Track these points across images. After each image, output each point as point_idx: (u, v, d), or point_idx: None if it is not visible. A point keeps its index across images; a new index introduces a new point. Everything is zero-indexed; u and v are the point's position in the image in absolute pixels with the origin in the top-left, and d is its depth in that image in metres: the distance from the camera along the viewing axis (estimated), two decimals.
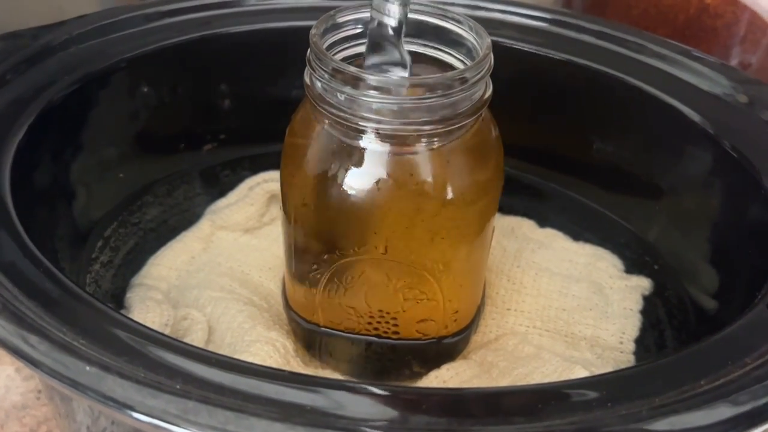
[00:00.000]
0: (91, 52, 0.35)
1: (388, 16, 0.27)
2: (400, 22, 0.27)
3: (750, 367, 0.21)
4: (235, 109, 0.40)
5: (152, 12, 0.37)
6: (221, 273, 0.36)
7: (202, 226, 0.39)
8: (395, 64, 0.27)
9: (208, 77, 0.39)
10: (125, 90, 0.36)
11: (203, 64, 0.38)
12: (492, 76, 0.27)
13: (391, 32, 0.27)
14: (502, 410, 0.20)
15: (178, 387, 0.19)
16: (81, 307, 0.22)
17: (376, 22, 0.27)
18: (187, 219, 0.39)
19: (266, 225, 0.40)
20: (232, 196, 0.40)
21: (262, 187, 0.40)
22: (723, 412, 0.19)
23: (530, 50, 0.37)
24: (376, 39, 0.27)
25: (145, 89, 0.37)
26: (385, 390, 0.20)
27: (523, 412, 0.20)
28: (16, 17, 0.41)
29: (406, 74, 0.27)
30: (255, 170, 0.41)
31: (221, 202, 0.40)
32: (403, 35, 0.27)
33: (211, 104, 0.40)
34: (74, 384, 0.19)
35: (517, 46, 0.37)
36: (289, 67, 0.27)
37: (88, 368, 0.19)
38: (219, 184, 0.41)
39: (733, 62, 0.49)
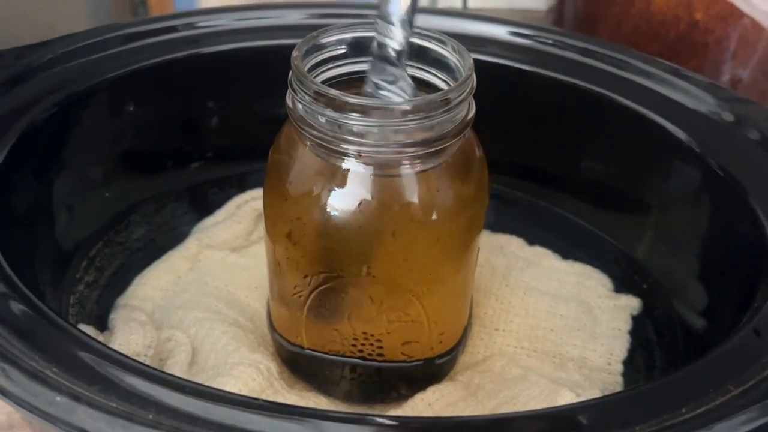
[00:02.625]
0: (76, 71, 0.34)
1: (392, 39, 0.27)
2: (402, 45, 0.26)
3: (732, 395, 0.20)
4: (223, 127, 0.40)
5: (137, 31, 0.37)
6: (207, 293, 0.36)
7: (189, 245, 0.38)
8: (397, 84, 0.27)
9: (195, 95, 0.39)
10: (110, 109, 0.36)
11: (190, 82, 0.38)
12: (479, 93, 0.27)
13: (393, 54, 0.27)
14: None
15: (150, 417, 0.19)
16: (55, 333, 0.22)
17: (377, 44, 0.27)
18: (174, 238, 0.39)
19: (254, 243, 0.39)
20: (220, 214, 0.40)
21: (250, 204, 0.40)
22: None
23: (518, 67, 0.37)
24: (379, 60, 0.27)
25: (131, 108, 0.37)
26: (362, 420, 0.20)
27: None
28: (5, 36, 0.41)
29: (408, 94, 0.27)
30: (243, 188, 0.41)
31: (208, 221, 0.40)
32: (405, 58, 0.27)
33: (199, 122, 0.40)
34: (44, 414, 0.18)
35: (504, 63, 0.37)
36: (275, 84, 0.27)
37: (58, 398, 0.19)
38: (206, 203, 0.40)
39: (724, 78, 0.49)
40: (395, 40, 0.26)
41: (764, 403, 0.20)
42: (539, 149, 0.39)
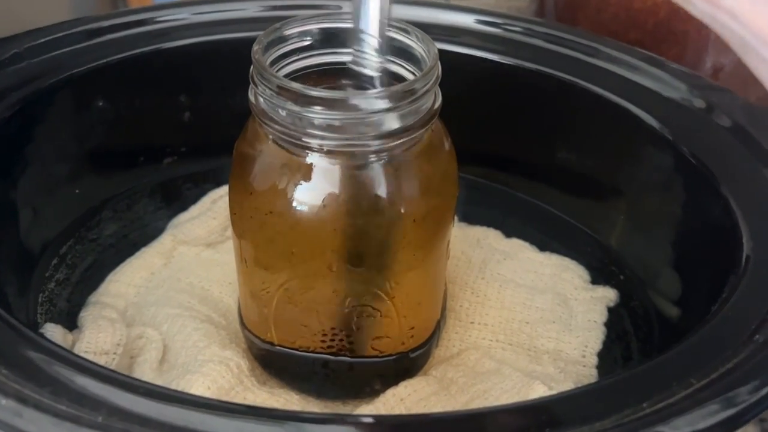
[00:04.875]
0: (42, 66, 0.34)
1: (366, 59, 0.26)
2: (378, 65, 0.26)
3: (694, 388, 0.20)
4: (196, 121, 0.40)
5: (105, 25, 0.36)
6: (180, 289, 0.35)
7: (164, 241, 0.38)
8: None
9: (166, 90, 0.38)
10: (78, 105, 0.35)
11: (161, 76, 0.38)
12: (451, 83, 0.26)
13: (369, 75, 0.26)
14: None
15: (99, 420, 0.18)
16: (7, 333, 0.21)
17: (352, 61, 0.26)
18: (148, 234, 0.38)
19: (229, 239, 0.39)
20: (195, 209, 0.40)
21: (225, 200, 0.40)
22: None
23: (490, 58, 0.37)
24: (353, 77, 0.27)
25: (101, 103, 0.36)
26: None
27: None
28: None
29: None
30: (218, 183, 0.40)
31: (183, 216, 0.39)
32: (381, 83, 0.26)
33: (171, 117, 0.39)
34: None
35: (473, 53, 0.37)
36: (248, 78, 0.26)
37: (3, 401, 0.18)
38: (181, 198, 0.40)
39: (706, 66, 0.49)
40: (370, 68, 0.26)
41: (725, 397, 0.20)
42: (514, 140, 0.38)
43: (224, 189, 0.40)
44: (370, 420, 0.20)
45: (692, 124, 0.32)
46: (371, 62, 0.26)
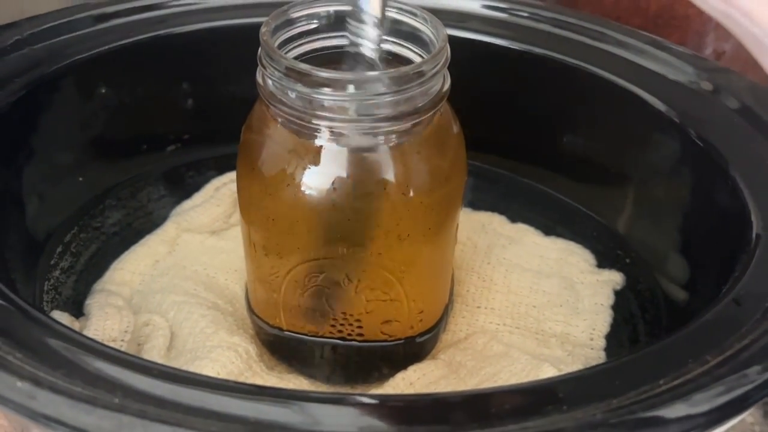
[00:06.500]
0: (44, 53, 0.34)
1: (365, 40, 0.26)
2: (378, 46, 0.26)
3: (710, 365, 0.20)
4: (199, 109, 0.39)
5: (106, 12, 0.36)
6: (186, 276, 0.35)
7: (167, 229, 0.38)
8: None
9: (169, 77, 0.38)
10: (81, 92, 0.35)
11: (163, 63, 0.38)
12: (457, 68, 0.26)
13: (369, 56, 0.26)
14: (454, 417, 0.19)
15: (116, 401, 0.18)
16: (19, 318, 0.21)
17: (350, 43, 0.26)
18: (152, 222, 0.38)
19: (233, 226, 0.39)
20: (198, 197, 0.39)
21: (229, 187, 0.40)
22: (679, 412, 0.18)
23: (496, 42, 0.37)
24: (353, 58, 0.26)
25: (103, 90, 0.36)
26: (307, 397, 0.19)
27: (478, 417, 0.19)
28: None
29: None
30: (221, 170, 0.40)
31: (186, 204, 0.39)
32: (379, 59, 0.26)
33: (174, 104, 0.39)
34: (4, 401, 0.18)
35: (481, 39, 0.36)
36: (252, 64, 0.26)
37: (19, 384, 0.18)
38: (184, 186, 0.40)
39: (707, 50, 0.49)
40: (370, 41, 0.26)
41: (742, 374, 0.20)
42: (520, 125, 0.38)
43: (228, 176, 0.40)
44: (374, 401, 0.19)
45: (699, 107, 0.32)
46: (370, 44, 0.26)
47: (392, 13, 0.27)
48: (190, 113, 0.39)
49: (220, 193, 0.39)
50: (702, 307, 0.25)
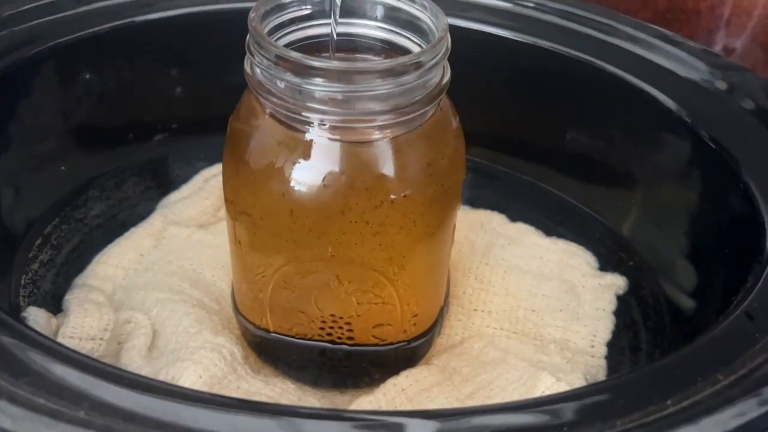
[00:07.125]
0: (25, 35, 0.32)
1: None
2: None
3: (721, 385, 0.19)
4: (188, 97, 0.38)
5: None
6: (171, 272, 0.34)
7: (153, 222, 0.36)
8: None
9: (157, 62, 0.37)
10: (63, 77, 0.34)
11: (151, 48, 0.36)
12: (458, 60, 0.25)
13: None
14: None
15: (81, 414, 0.17)
16: None
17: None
18: (137, 214, 0.37)
19: (222, 220, 0.37)
20: (186, 189, 0.38)
21: (218, 179, 0.38)
22: None
23: (499, 33, 0.35)
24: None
25: (87, 75, 0.35)
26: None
27: None
28: None
29: None
30: (210, 161, 0.39)
31: (174, 196, 0.38)
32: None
33: (162, 91, 0.38)
34: None
35: (484, 29, 0.35)
36: (244, 51, 0.25)
37: None
38: (171, 177, 0.39)
39: (717, 47, 0.48)
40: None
41: (756, 394, 0.18)
42: (522, 120, 0.37)
43: (217, 167, 0.39)
44: (369, 416, 0.18)
45: (712, 106, 0.31)
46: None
47: (392, 1, 0.26)
48: (178, 101, 0.38)
49: (209, 185, 0.38)
50: (709, 318, 0.24)
